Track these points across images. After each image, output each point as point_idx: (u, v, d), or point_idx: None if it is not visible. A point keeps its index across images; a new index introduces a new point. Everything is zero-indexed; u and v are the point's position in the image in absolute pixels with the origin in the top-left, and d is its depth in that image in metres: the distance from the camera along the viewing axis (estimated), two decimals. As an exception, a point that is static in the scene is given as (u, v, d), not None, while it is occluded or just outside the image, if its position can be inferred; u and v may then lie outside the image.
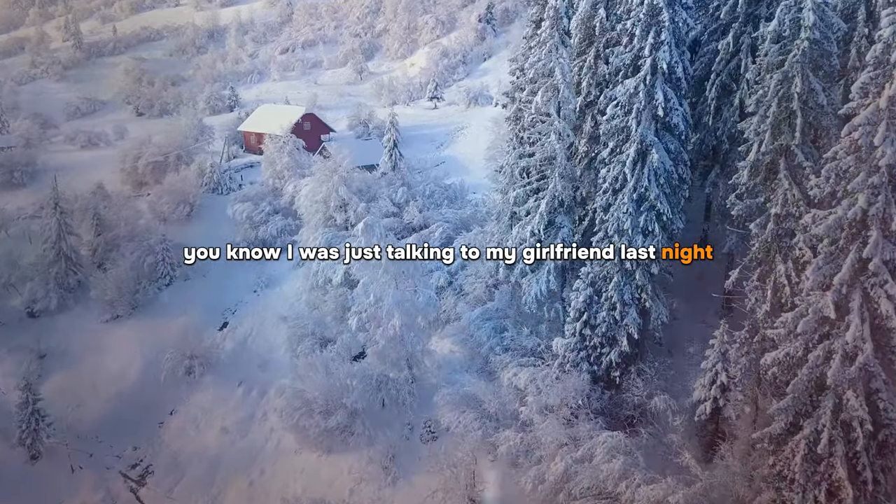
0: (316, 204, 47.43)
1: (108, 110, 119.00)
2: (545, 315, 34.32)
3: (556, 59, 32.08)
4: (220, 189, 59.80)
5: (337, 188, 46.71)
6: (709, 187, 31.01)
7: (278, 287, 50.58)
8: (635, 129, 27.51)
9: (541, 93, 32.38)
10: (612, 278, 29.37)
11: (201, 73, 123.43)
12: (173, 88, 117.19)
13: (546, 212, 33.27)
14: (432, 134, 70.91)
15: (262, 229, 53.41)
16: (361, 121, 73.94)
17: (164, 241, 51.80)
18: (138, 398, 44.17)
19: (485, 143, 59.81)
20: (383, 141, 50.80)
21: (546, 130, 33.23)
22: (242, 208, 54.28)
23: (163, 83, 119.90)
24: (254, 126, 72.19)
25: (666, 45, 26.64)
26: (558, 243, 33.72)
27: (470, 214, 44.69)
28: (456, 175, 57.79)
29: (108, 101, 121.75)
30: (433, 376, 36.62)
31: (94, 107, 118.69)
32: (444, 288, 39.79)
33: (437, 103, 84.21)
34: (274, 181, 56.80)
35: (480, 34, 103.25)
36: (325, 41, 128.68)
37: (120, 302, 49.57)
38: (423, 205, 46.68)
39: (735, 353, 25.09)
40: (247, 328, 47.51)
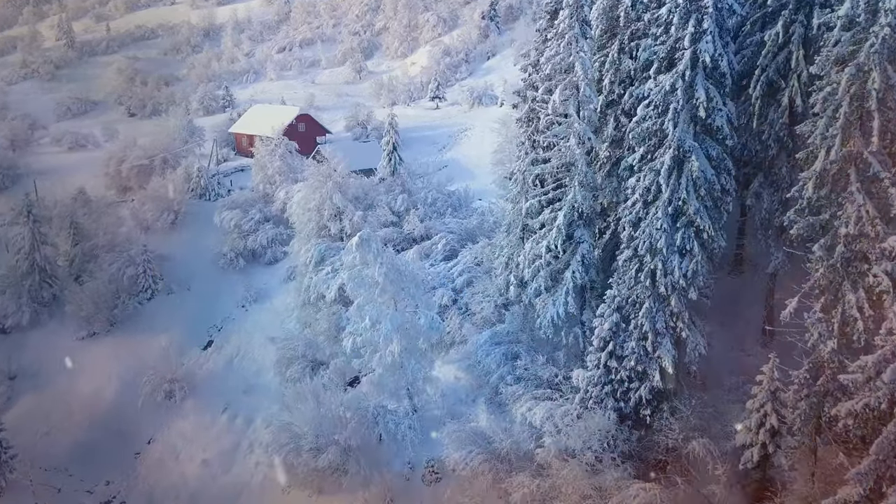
0: (308, 212, 43.68)
1: (100, 111, 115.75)
2: (563, 341, 30.55)
3: (576, 52, 28.34)
4: (208, 195, 56.03)
5: (331, 195, 42.95)
6: (750, 198, 27.25)
7: (268, 302, 46.83)
8: (672, 133, 23.74)
9: (558, 91, 28.64)
10: (642, 304, 25.58)
11: (196, 73, 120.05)
12: (166, 88, 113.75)
13: (564, 225, 29.53)
14: (434, 135, 67.12)
15: (251, 239, 49.68)
16: (359, 122, 70.23)
17: (145, 251, 48.06)
18: (114, 425, 40.39)
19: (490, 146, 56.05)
20: (382, 144, 47.11)
21: (564, 133, 29.48)
22: (230, 216, 50.54)
23: (156, 83, 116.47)
24: (245, 127, 68.44)
25: (709, 34, 22.88)
26: (578, 260, 29.97)
27: (476, 224, 40.91)
28: (459, 180, 54.02)
29: (99, 102, 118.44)
30: (436, 407, 32.85)
31: (85, 107, 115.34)
32: (447, 307, 36.02)
33: (439, 103, 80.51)
34: (265, 187, 53.06)
35: (484, 32, 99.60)
36: (323, 40, 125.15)
37: (97, 318, 45.81)
38: (425, 213, 42.91)
39: (793, 396, 21.31)
40: (233, 347, 43.72)
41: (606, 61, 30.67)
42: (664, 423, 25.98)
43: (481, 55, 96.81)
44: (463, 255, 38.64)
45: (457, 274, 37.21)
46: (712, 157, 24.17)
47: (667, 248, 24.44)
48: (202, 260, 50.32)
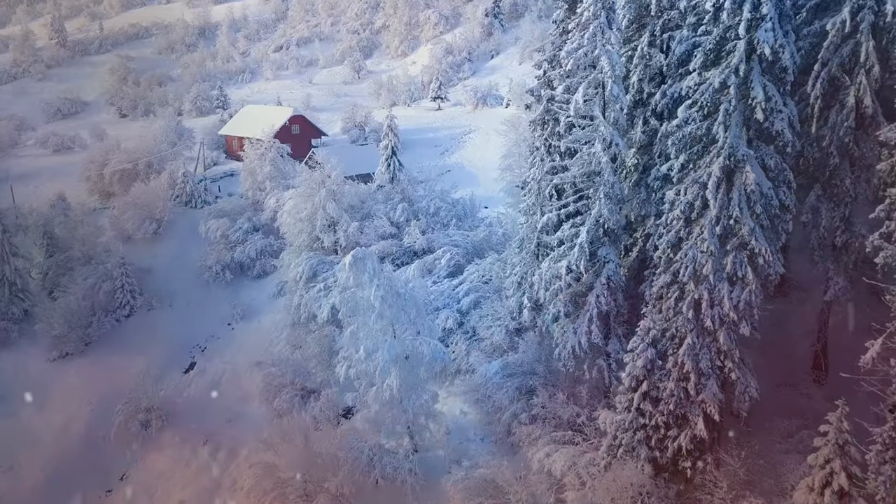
0: (300, 223, 39.98)
1: (91, 111, 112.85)
2: (585, 375, 26.74)
3: (601, 45, 24.54)
4: (194, 202, 52.26)
5: (324, 204, 39.22)
6: (805, 214, 23.44)
7: (256, 319, 43.10)
8: (722, 138, 19.94)
9: (581, 89, 24.85)
10: (683, 339, 21.78)
11: (190, 73, 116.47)
12: (159, 88, 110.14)
13: (587, 242, 25.71)
14: (436, 138, 63.33)
15: (238, 250, 45.95)
16: (357, 123, 66.51)
17: (123, 264, 44.29)
18: (84, 459, 36.73)
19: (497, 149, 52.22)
20: (380, 148, 43.39)
21: (587, 138, 25.69)
22: (217, 225, 46.81)
23: (149, 83, 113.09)
24: (236, 129, 64.67)
25: (769, 20, 19.08)
26: (602, 283, 26.17)
27: (484, 237, 37.11)
28: (464, 186, 50.25)
29: (91, 102, 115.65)
30: (440, 446, 29.11)
31: (75, 108, 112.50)
32: (452, 331, 32.27)
33: (441, 104, 76.77)
34: (254, 193, 49.34)
35: (487, 30, 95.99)
36: (321, 38, 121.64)
37: (69, 337, 42.13)
38: (427, 225, 39.09)
39: (875, 458, 17.51)
40: (217, 371, 40.00)
41: (634, 56, 26.90)
42: (708, 477, 22.19)
43: (485, 54, 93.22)
44: (469, 271, 34.87)
45: (462, 293, 33.44)
46: (769, 167, 20.38)
47: (714, 275, 20.65)
48: (186, 273, 46.62)
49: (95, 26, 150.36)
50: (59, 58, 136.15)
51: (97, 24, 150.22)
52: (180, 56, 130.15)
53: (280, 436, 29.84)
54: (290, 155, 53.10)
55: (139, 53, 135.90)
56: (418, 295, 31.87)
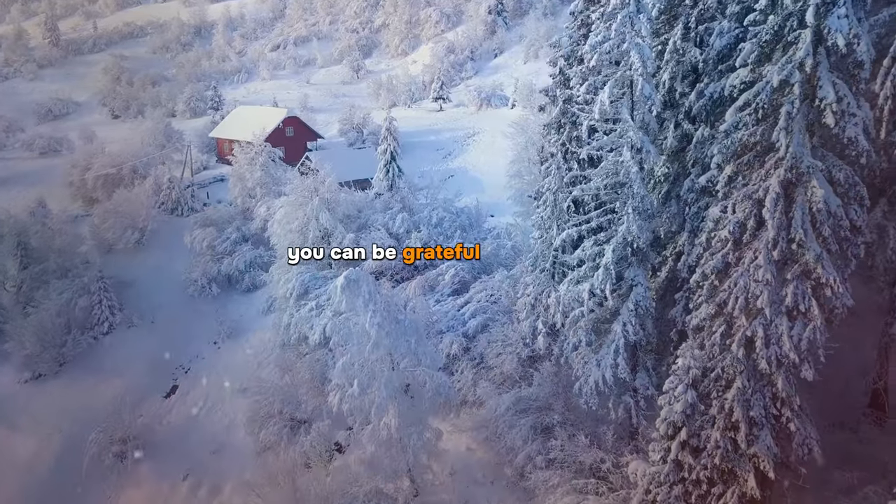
0: (290, 234, 36.70)
1: (83, 112, 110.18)
2: (610, 414, 23.50)
3: (631, 37, 21.31)
4: (180, 209, 49.06)
5: (317, 214, 36.00)
6: (871, 233, 20.20)
7: (244, 338, 39.85)
8: (784, 147, 16.69)
9: (607, 89, 21.59)
10: (731, 381, 18.55)
11: (184, 72, 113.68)
12: (152, 89, 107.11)
13: (612, 262, 22.47)
14: (438, 141, 60.08)
15: (226, 262, 42.74)
16: (354, 125, 63.27)
17: (101, 277, 41.05)
18: (54, 495, 33.49)
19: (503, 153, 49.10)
20: (378, 152, 40.16)
21: (613, 144, 22.45)
22: (203, 235, 43.60)
23: (142, 83, 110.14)
24: (228, 132, 61.45)
25: (842, 5, 15.84)
26: (630, 309, 22.95)
27: (492, 251, 33.82)
28: (468, 192, 47.10)
29: (83, 103, 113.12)
30: (445, 490, 25.89)
31: (67, 108, 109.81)
32: (458, 357, 29.01)
33: (443, 104, 73.57)
34: (244, 201, 46.11)
35: (490, 27, 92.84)
36: (319, 37, 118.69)
37: (43, 357, 38.95)
38: (429, 236, 35.80)
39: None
40: (201, 395, 36.77)
41: (665, 51, 23.65)
42: (758, 541, 18.92)
43: (488, 53, 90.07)
44: (476, 289, 31.62)
45: (469, 315, 30.19)
46: (838, 180, 17.13)
47: (771, 308, 17.39)
48: (170, 286, 43.38)
49: (90, 25, 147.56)
50: (52, 57, 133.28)
51: (91, 23, 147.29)
52: (175, 55, 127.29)
53: (265, 476, 26.69)
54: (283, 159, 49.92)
55: (133, 53, 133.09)
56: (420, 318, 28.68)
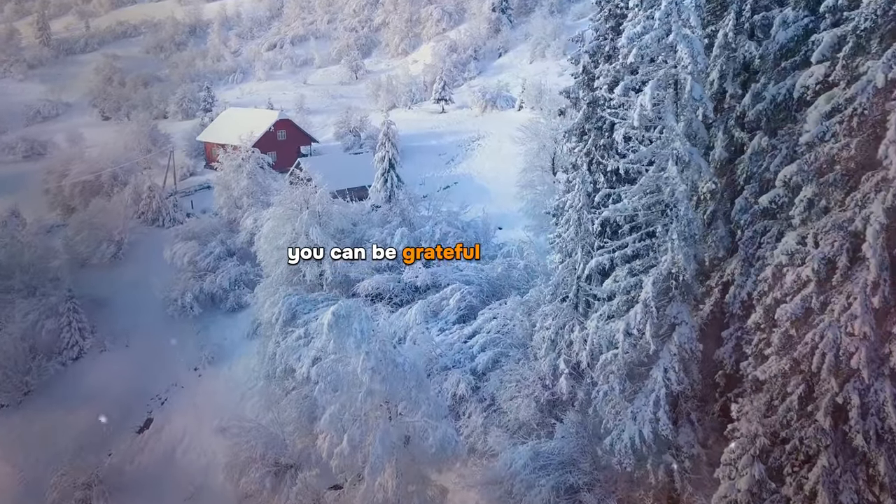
0: (278, 251, 32.95)
1: (74, 113, 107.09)
2: (649, 476, 19.72)
3: (678, 28, 17.58)
4: (162, 220, 45.29)
5: (307, 229, 32.23)
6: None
7: (226, 365, 36.20)
8: (895, 166, 12.93)
9: (649, 89, 17.84)
10: (813, 456, 14.80)
11: (178, 73, 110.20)
12: (143, 89, 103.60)
13: (653, 296, 18.72)
14: (440, 145, 56.31)
15: (209, 279, 38.99)
16: (351, 128, 59.48)
17: (71, 297, 37.33)
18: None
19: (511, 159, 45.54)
20: (375, 160, 36.40)
21: (653, 156, 18.69)
22: (184, 249, 39.88)
23: (134, 84, 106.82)
24: (216, 135, 57.68)
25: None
26: (672, 352, 19.21)
27: (502, 272, 30.02)
28: (474, 202, 43.39)
29: (73, 104, 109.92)
30: (450, 559, 22.11)
31: (57, 109, 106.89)
32: (465, 398, 25.23)
33: (445, 106, 69.83)
34: (230, 211, 42.36)
35: (494, 26, 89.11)
36: (316, 36, 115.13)
37: (4, 386, 35.32)
38: (432, 254, 32.11)
39: None
40: (177, 430, 33.06)
41: (715, 45, 19.91)
42: None
43: (492, 52, 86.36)
44: (484, 316, 27.86)
45: (477, 348, 26.42)
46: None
47: (870, 369, 13.64)
48: (148, 306, 39.62)
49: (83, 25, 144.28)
50: (43, 57, 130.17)
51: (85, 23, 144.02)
52: (169, 55, 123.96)
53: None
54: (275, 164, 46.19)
55: (126, 52, 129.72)
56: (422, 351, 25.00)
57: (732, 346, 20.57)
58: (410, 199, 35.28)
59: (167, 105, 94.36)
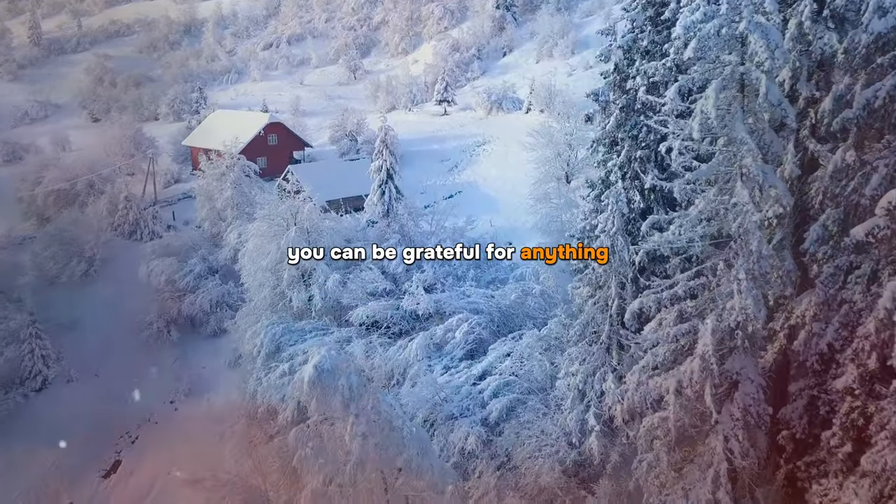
0: (262, 273, 29.25)
1: (63, 115, 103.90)
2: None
3: (750, 14, 13.86)
4: (140, 233, 41.54)
5: (294, 249, 28.43)
6: None
7: (206, 397, 32.55)
8: None
9: (714, 91, 14.12)
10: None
11: (171, 73, 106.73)
12: (134, 90, 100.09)
13: (713, 349, 15.01)
14: (443, 150, 52.55)
15: (188, 300, 35.33)
16: (347, 132, 55.73)
17: (33, 322, 33.62)
18: None
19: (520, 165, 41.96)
20: (371, 169, 32.60)
21: (719, 174, 14.96)
22: (161, 267, 36.24)
23: (125, 84, 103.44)
24: (203, 139, 53.95)
25: None
26: (735, 417, 15.49)
27: (516, 300, 26.21)
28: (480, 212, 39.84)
29: (63, 105, 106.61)
30: None
31: (46, 111, 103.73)
32: (475, 454, 21.44)
33: (448, 108, 66.10)
34: (212, 224, 38.67)
35: (498, 24, 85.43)
36: (314, 35, 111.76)
37: (-43, 422, 31.41)
38: (434, 277, 28.27)
39: None
40: (147, 477, 29.31)
41: (785, 37, 16.16)
42: None
43: (496, 51, 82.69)
44: (496, 353, 24.12)
45: (489, 392, 22.65)
46: None
47: None
48: (121, 330, 35.97)
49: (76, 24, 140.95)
50: (33, 57, 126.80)
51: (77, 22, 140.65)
52: (163, 55, 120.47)
53: None
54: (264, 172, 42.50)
55: (118, 52, 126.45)
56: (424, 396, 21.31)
57: (804, 404, 16.87)
58: (411, 212, 31.45)
59: (158, 107, 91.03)
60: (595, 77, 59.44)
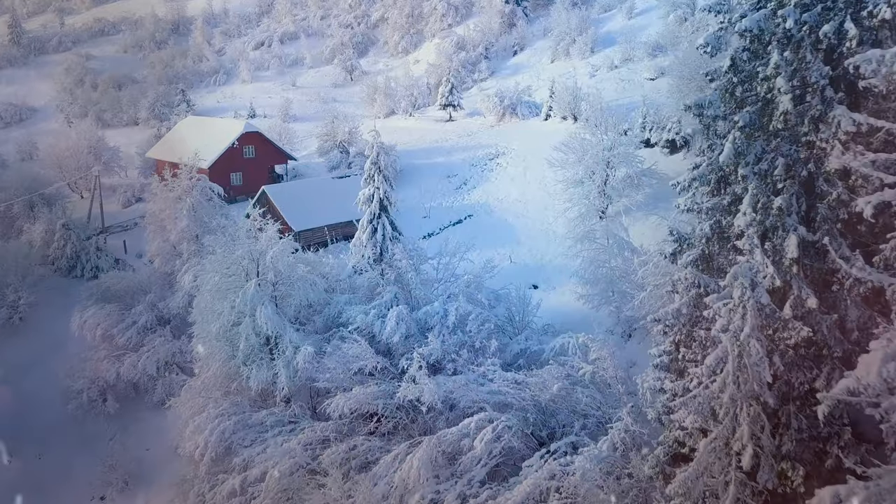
0: (212, 342, 21.77)
1: (40, 118, 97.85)
2: None
3: None
4: (81, 268, 33.96)
5: (253, 308, 21.06)
6: None
7: (144, 493, 24.91)
8: None
9: None
10: None
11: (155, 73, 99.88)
12: (114, 92, 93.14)
13: None
14: (449, 164, 44.94)
15: (129, 361, 27.79)
16: (338, 142, 48.18)
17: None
18: None
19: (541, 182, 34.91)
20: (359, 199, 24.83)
21: None
22: (98, 317, 28.77)
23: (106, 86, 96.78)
24: (169, 151, 46.32)
25: None
26: None
27: (560, 393, 18.50)
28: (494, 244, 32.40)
29: (40, 108, 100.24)
30: None
31: (21, 114, 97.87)
32: None
33: (453, 113, 58.61)
34: (165, 261, 31.18)
35: (508, 20, 78.29)
36: (308, 33, 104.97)
37: None
38: (443, 352, 20.70)
39: None
40: None
41: None
42: None
43: (505, 49, 75.47)
44: (537, 476, 16.51)
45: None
46: None
47: None
48: (44, 399, 28.43)
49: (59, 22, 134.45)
50: (12, 56, 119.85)
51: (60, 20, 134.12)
52: (148, 54, 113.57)
53: None
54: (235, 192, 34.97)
55: (103, 52, 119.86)
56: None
57: None
58: (412, 253, 23.81)
59: (137, 110, 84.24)
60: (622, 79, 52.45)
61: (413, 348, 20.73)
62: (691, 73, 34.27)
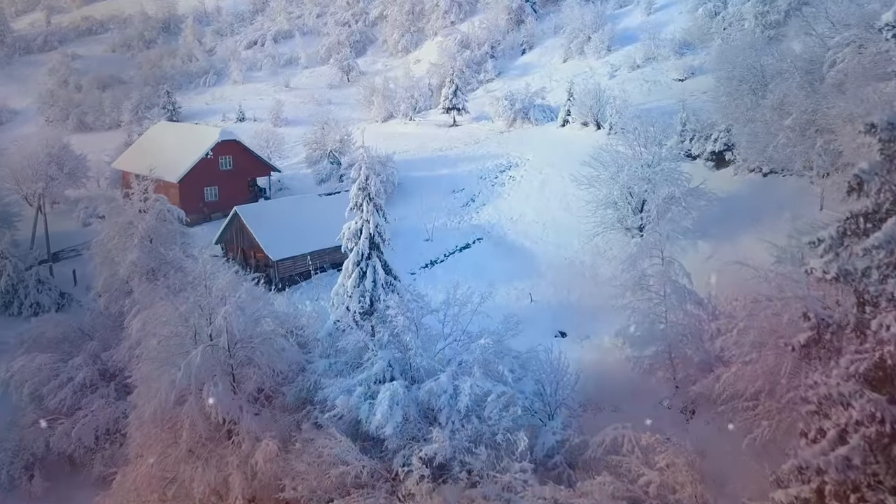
0: (148, 426, 16.36)
1: (21, 121, 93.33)
2: None
3: None
4: (19, 305, 28.53)
5: (201, 384, 15.61)
6: None
7: None
8: None
9: None
10: None
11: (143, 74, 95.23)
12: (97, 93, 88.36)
13: None
14: (454, 177, 39.41)
15: (62, 428, 22.43)
16: (328, 151, 42.73)
17: None
18: None
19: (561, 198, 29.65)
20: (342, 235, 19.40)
21: None
22: (28, 371, 23.39)
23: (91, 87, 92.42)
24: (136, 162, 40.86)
25: None
26: None
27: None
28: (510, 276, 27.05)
29: (21, 110, 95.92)
30: None
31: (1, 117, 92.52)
32: None
33: (457, 117, 53.26)
34: (112, 300, 25.77)
35: (515, 16, 73.34)
36: (303, 32, 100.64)
37: None
38: (453, 449, 15.29)
39: None
40: None
41: None
42: None
43: (513, 48, 70.39)
44: None
45: None
46: None
47: None
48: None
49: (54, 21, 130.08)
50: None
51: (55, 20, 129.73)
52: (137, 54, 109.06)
53: None
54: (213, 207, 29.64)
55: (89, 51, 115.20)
56: None
57: None
58: (410, 308, 18.20)
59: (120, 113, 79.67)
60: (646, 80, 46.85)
61: (412, 441, 15.31)
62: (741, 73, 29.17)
